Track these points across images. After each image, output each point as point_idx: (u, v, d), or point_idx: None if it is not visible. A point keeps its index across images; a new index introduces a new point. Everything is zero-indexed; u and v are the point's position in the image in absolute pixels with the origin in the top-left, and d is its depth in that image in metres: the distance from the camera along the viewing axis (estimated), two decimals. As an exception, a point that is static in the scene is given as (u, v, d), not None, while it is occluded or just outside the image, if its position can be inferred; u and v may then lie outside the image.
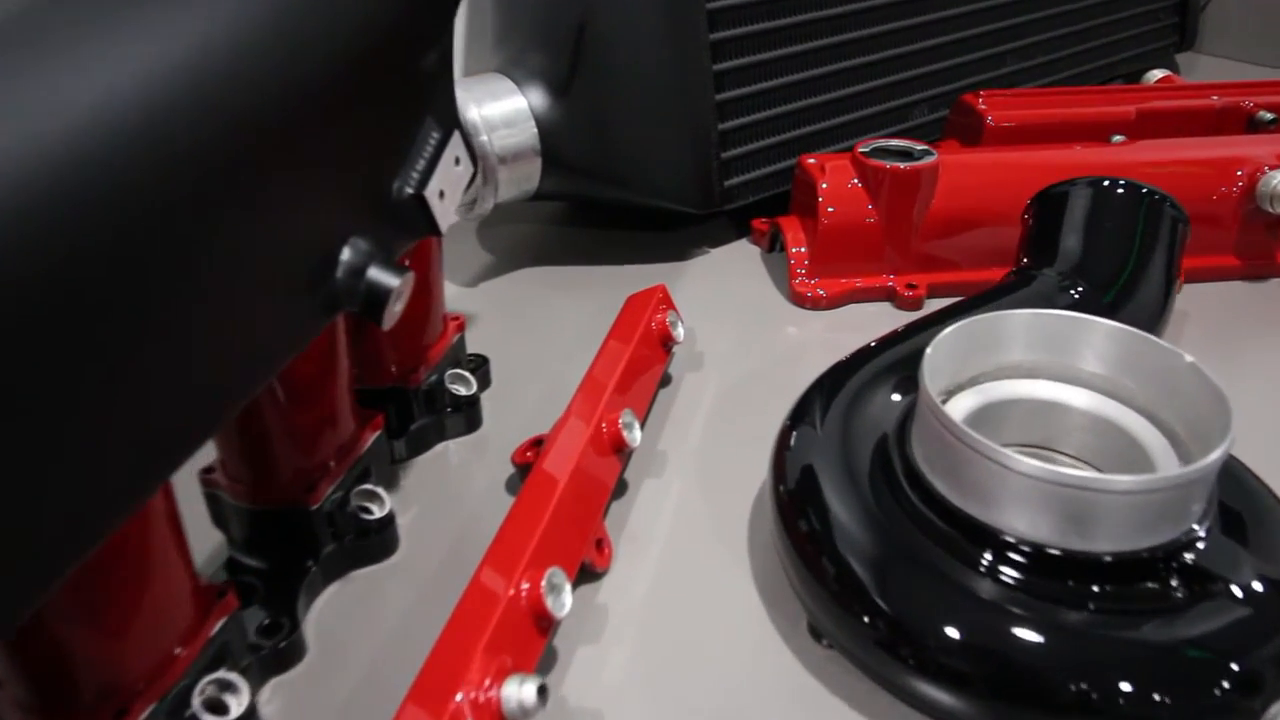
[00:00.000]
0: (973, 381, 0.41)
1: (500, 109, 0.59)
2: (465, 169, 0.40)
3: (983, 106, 0.71)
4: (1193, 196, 0.62)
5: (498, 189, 0.59)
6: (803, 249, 0.62)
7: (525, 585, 0.33)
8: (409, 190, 0.36)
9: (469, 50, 0.76)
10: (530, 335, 0.58)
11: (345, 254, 0.33)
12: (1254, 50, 1.07)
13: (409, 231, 0.37)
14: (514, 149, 0.59)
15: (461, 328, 0.50)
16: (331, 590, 0.40)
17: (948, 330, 0.39)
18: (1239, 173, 0.62)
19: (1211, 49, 1.10)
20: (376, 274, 0.33)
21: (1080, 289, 0.47)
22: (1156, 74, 0.80)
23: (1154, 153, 0.63)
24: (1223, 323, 0.59)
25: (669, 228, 0.72)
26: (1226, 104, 0.73)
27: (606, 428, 0.43)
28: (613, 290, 0.61)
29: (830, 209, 0.60)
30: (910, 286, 0.61)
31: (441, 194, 0.38)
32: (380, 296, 0.33)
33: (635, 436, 0.43)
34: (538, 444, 0.45)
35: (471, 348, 0.54)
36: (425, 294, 0.46)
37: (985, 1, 0.79)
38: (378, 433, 0.43)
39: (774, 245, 0.68)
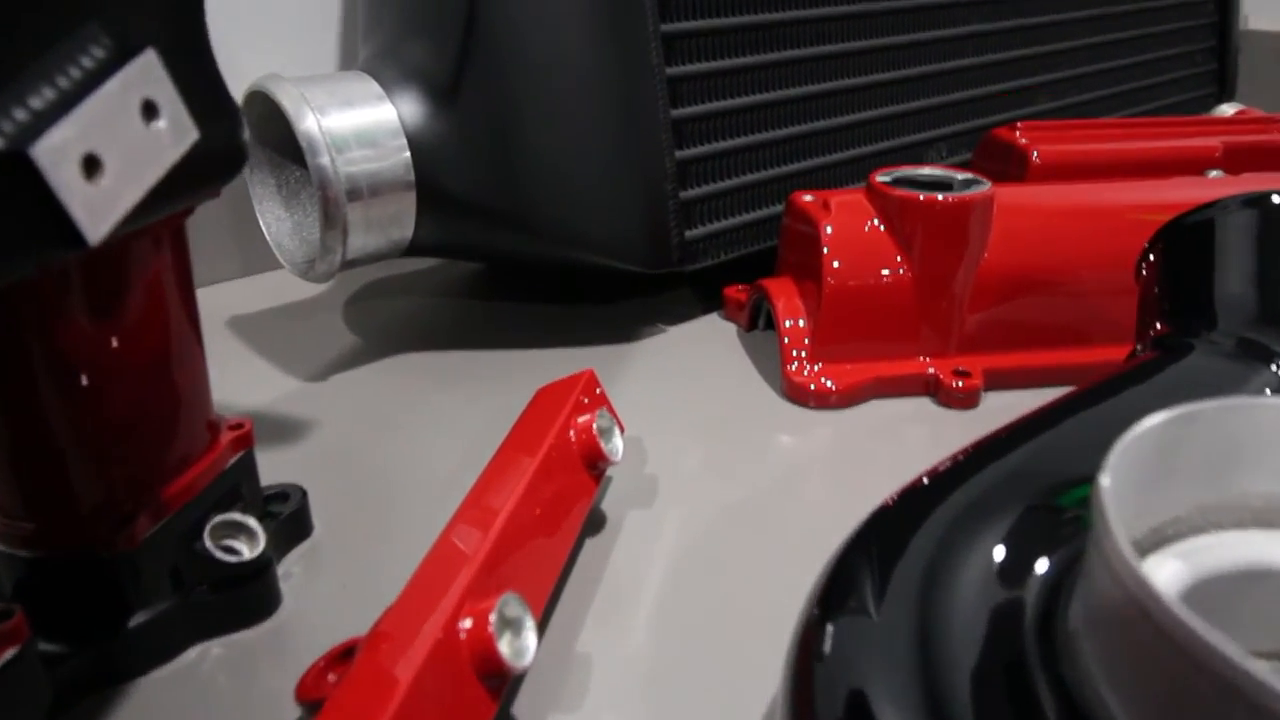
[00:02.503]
0: (1169, 533, 0.22)
1: (355, 120, 0.40)
2: (172, 132, 0.20)
3: (1024, 141, 0.54)
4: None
5: (347, 236, 0.40)
6: (800, 322, 0.43)
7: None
8: (-5, 145, 0.16)
9: (343, 47, 0.57)
10: (391, 452, 0.38)
11: None
12: (1294, 107, 0.92)
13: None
14: (373, 178, 0.40)
15: (246, 441, 0.29)
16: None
17: (1133, 437, 0.19)
18: (1404, 210, 0.44)
19: (1247, 102, 0.95)
20: None
21: (1280, 362, 0.28)
22: (1228, 107, 0.64)
23: (1283, 184, 0.46)
24: None
25: (610, 298, 0.52)
26: (1335, 138, 0.56)
27: (469, 630, 0.22)
28: (527, 383, 0.42)
29: (838, 263, 0.42)
30: (960, 374, 0.42)
31: (94, 164, 0.18)
32: None
33: (526, 646, 0.23)
34: (346, 656, 0.24)
35: (294, 473, 0.34)
36: (153, 372, 0.26)
37: (1012, 20, 0.62)
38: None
39: (756, 320, 0.49)
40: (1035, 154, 0.53)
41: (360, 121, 0.40)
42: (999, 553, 0.23)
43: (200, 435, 0.28)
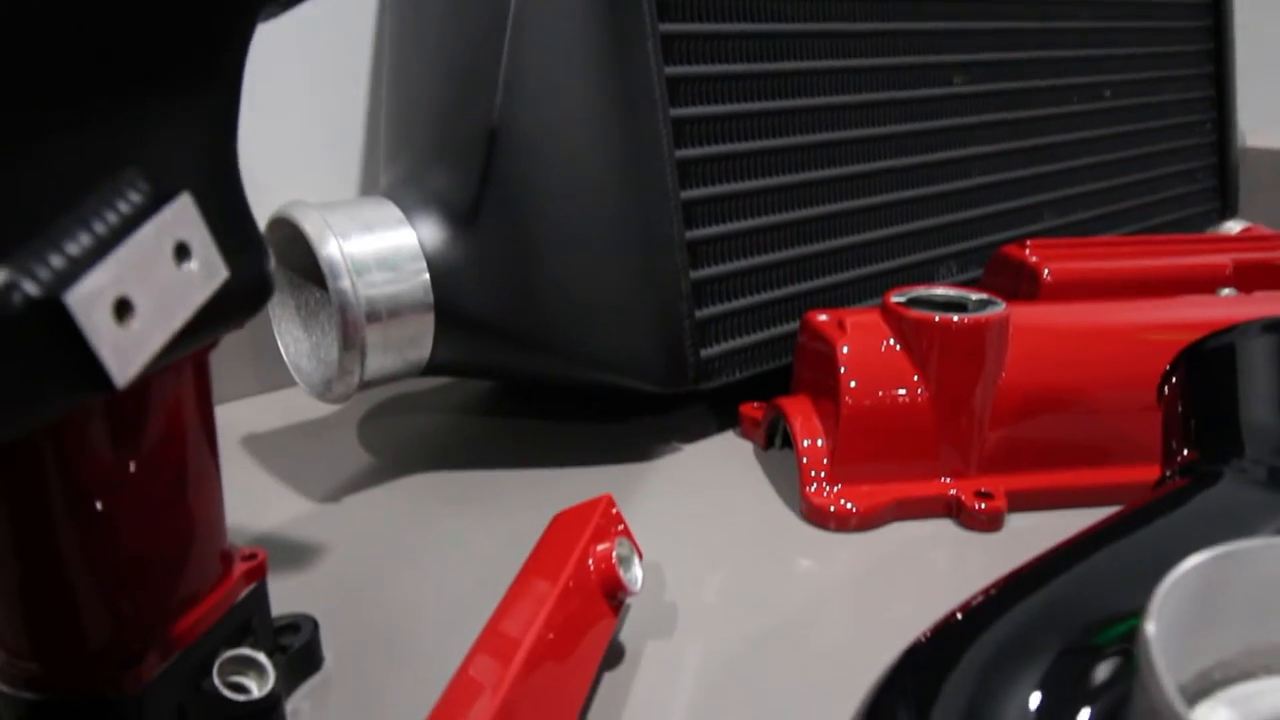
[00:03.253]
0: (1216, 677, 0.21)
1: (375, 244, 0.41)
2: (203, 272, 0.20)
3: (1034, 258, 0.54)
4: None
5: (365, 357, 0.40)
6: (819, 442, 0.43)
7: None
8: (28, 292, 0.16)
9: (365, 172, 0.58)
10: (405, 578, 0.37)
11: None
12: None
13: (27, 396, 0.17)
14: (393, 300, 0.40)
15: (259, 572, 0.29)
16: None
17: (1176, 579, 0.19)
18: None
19: (1249, 216, 0.96)
20: None
21: (1315, 492, 0.28)
22: (1234, 224, 0.65)
23: (1298, 304, 0.46)
24: None
25: (626, 416, 0.52)
26: (1344, 255, 0.56)
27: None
28: (542, 505, 0.41)
29: (855, 383, 0.41)
30: (982, 495, 0.41)
31: (125, 307, 0.18)
32: None
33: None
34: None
35: (306, 600, 0.33)
36: (170, 505, 0.25)
37: (1019, 141, 0.64)
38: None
39: (774, 439, 0.48)
40: (1046, 271, 0.53)
41: (381, 246, 0.41)
42: (1035, 700, 0.22)
43: (214, 567, 0.27)
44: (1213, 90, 0.83)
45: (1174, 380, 0.35)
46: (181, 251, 0.20)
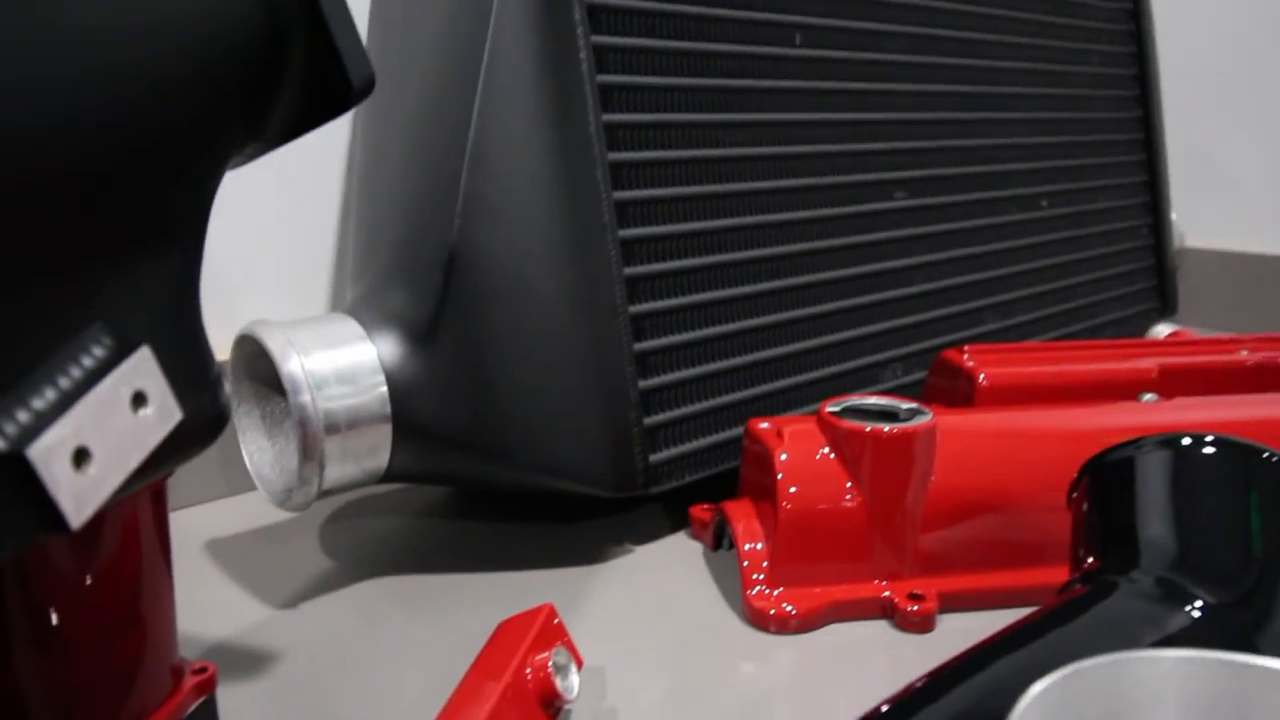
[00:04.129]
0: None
1: (336, 360, 0.43)
2: (158, 417, 0.22)
3: (970, 363, 0.57)
4: None
5: (323, 469, 0.42)
6: (759, 545, 0.45)
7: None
8: (-3, 446, 0.19)
9: (334, 288, 0.61)
10: (353, 686, 0.38)
11: None
12: (1231, 318, 0.98)
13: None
14: (351, 413, 0.43)
15: (208, 686, 0.30)
16: None
17: (1026, 704, 0.21)
18: (1325, 435, 0.47)
19: (1192, 319, 1.01)
20: None
21: (1199, 600, 0.30)
22: (1164, 328, 0.68)
23: (1210, 412, 0.49)
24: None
25: (581, 518, 0.54)
26: (1263, 360, 0.60)
27: None
28: (496, 609, 0.43)
29: (793, 489, 0.44)
30: (914, 597, 0.43)
31: (83, 455, 0.20)
32: None
33: None
34: None
35: (255, 709, 0.34)
36: (122, 626, 0.27)
37: (960, 250, 0.67)
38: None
39: (720, 541, 0.50)
40: (982, 376, 0.56)
41: (341, 361, 0.43)
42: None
43: (164, 683, 0.29)
44: (1147, 197, 0.87)
45: (1079, 489, 0.38)
46: (138, 399, 0.22)
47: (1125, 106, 0.86)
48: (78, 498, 0.20)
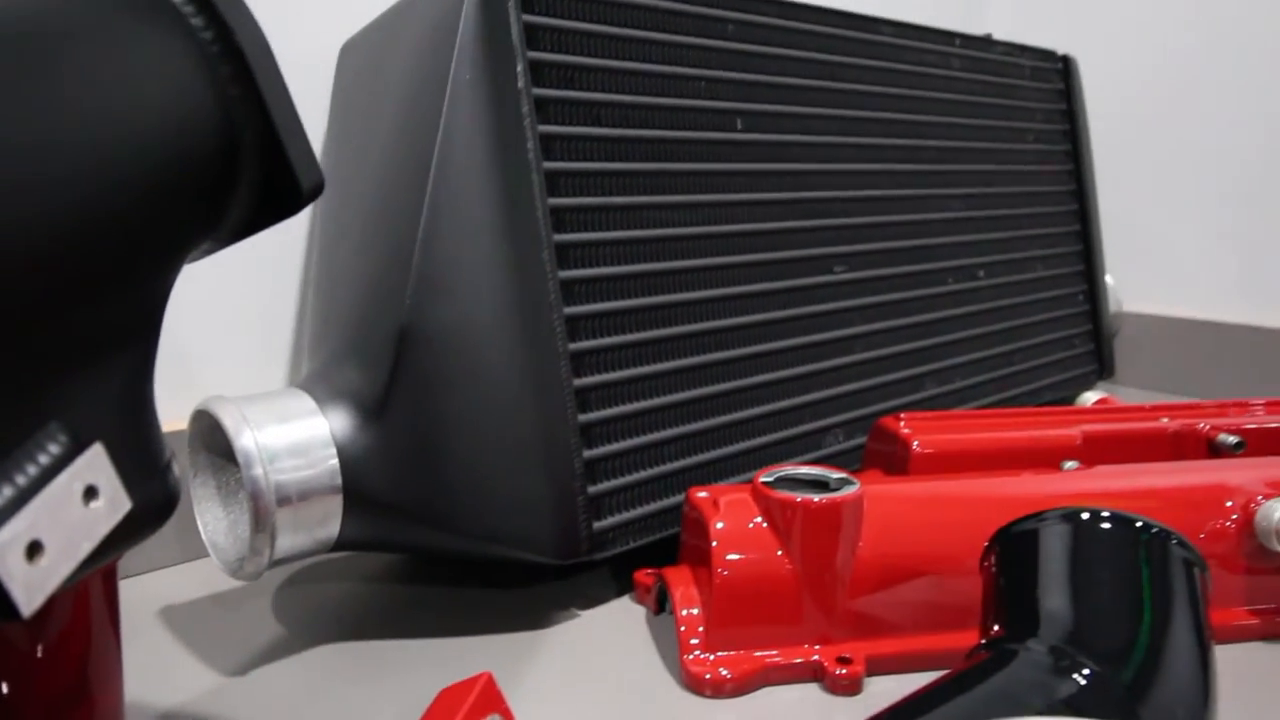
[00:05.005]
0: None
1: (288, 434, 0.45)
2: (108, 508, 0.24)
3: (906, 430, 0.60)
4: (1184, 532, 0.49)
5: (275, 539, 0.43)
6: (695, 611, 0.47)
7: None
8: (-46, 542, 0.20)
9: (293, 363, 0.63)
10: (299, 752, 0.39)
11: None
12: (1172, 379, 1.02)
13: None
14: (302, 485, 0.44)
15: (153, 757, 0.31)
16: None
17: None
18: (1229, 504, 0.50)
19: (1131, 380, 1.04)
20: None
21: (1086, 670, 0.32)
22: (1092, 395, 0.71)
23: (1124, 480, 0.51)
24: (1260, 700, 0.44)
25: (529, 581, 0.56)
26: (1182, 427, 0.63)
27: None
28: (443, 674, 0.45)
29: (727, 557, 0.46)
30: (843, 661, 0.45)
31: (36, 548, 0.22)
32: None
33: None
34: None
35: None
36: (69, 699, 0.28)
37: (899, 320, 0.71)
38: None
39: (663, 605, 0.52)
40: (916, 444, 0.59)
41: (293, 436, 0.45)
42: None
43: (109, 754, 0.30)
44: (1083, 265, 0.92)
45: (988, 559, 0.40)
46: (90, 492, 0.24)
47: (1060, 180, 0.90)
48: (29, 588, 0.21)
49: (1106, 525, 0.38)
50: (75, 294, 0.25)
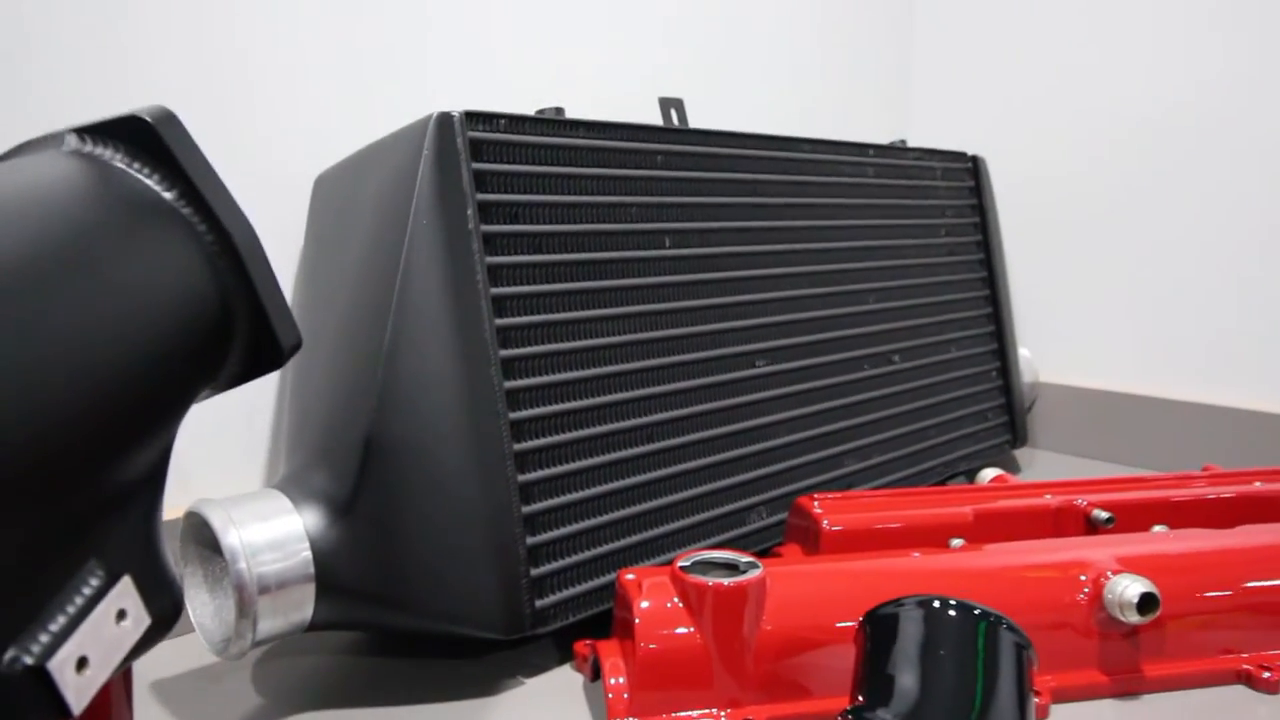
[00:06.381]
0: None
1: (267, 531, 0.52)
2: (134, 625, 0.32)
3: (818, 510, 0.68)
4: (1040, 606, 0.58)
5: (256, 623, 0.50)
6: (621, 680, 0.54)
7: None
8: (26, 661, 0.28)
9: (270, 464, 0.70)
10: (277, 812, 0.46)
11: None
12: (1084, 444, 1.11)
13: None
14: (280, 576, 0.51)
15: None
16: None
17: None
18: (1082, 578, 0.58)
19: (1047, 444, 1.13)
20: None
21: (921, 736, 0.40)
22: (989, 473, 0.80)
23: (994, 559, 0.60)
24: (1100, 754, 0.52)
25: (482, 653, 0.63)
26: (1062, 503, 0.71)
27: None
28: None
29: (649, 632, 0.53)
30: (746, 723, 0.52)
31: (83, 662, 0.29)
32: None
33: None
34: None
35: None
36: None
37: (818, 405, 0.79)
38: None
39: (597, 673, 0.59)
40: (825, 523, 0.67)
41: (272, 533, 0.52)
42: None
43: (123, 817, 0.37)
44: (995, 344, 1.01)
45: (859, 635, 0.48)
46: (121, 614, 0.31)
47: (972, 268, 0.99)
48: (79, 693, 0.29)
49: (952, 613, 0.46)
50: (111, 455, 0.32)
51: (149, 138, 0.36)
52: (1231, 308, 1.00)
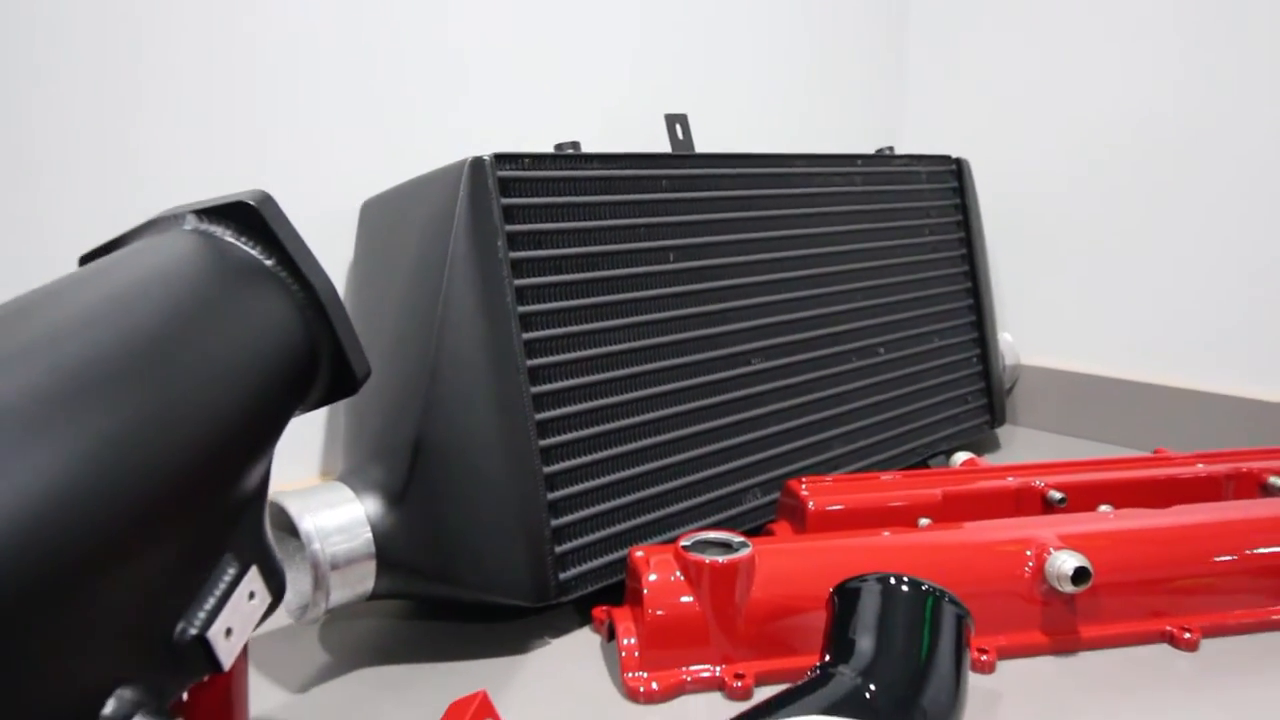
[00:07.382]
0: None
1: (335, 518, 0.62)
2: (260, 603, 0.41)
3: (805, 493, 0.77)
4: (991, 577, 0.67)
5: (329, 594, 0.61)
6: (633, 640, 0.64)
7: None
8: (192, 633, 0.37)
9: (325, 458, 0.80)
10: (352, 747, 0.57)
11: (109, 707, 0.34)
12: (1062, 422, 1.19)
13: (186, 674, 0.38)
14: (347, 555, 0.61)
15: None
16: None
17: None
18: (1028, 553, 0.67)
19: (1027, 422, 1.22)
20: (139, 728, 0.34)
21: (871, 689, 0.50)
22: (961, 456, 0.89)
23: (953, 537, 0.69)
24: (1036, 700, 0.61)
25: (514, 617, 0.73)
26: (1021, 485, 0.81)
27: None
28: (449, 689, 0.61)
29: (655, 600, 0.63)
30: (738, 676, 0.62)
31: (229, 631, 0.39)
32: (141, 754, 0.34)
33: None
34: None
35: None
36: (231, 705, 0.45)
37: (808, 396, 0.88)
38: None
39: (612, 634, 0.69)
40: (811, 504, 0.76)
41: (338, 518, 0.62)
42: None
43: (243, 749, 0.47)
44: (976, 332, 1.09)
45: (829, 603, 0.58)
46: (251, 595, 0.41)
47: (955, 263, 1.08)
48: (227, 654, 0.39)
49: (905, 588, 0.55)
50: (237, 474, 0.42)
51: (253, 217, 0.45)
52: (1198, 299, 1.09)
